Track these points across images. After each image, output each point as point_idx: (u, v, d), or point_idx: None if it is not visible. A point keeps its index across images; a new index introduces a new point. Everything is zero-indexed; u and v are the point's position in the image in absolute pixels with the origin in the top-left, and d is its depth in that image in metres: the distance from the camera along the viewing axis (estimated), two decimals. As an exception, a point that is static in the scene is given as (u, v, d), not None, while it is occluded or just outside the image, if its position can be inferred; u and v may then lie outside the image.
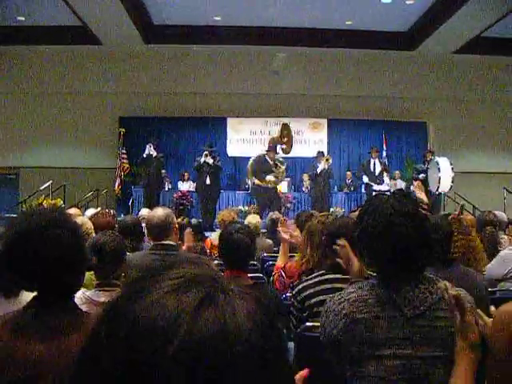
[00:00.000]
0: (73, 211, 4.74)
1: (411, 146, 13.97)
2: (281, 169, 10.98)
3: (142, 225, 3.85)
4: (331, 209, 11.31)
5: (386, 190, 10.09)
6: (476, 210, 10.72)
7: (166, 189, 12.49)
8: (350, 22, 11.80)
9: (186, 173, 12.74)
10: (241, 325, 0.50)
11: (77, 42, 12.31)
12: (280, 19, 11.60)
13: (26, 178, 13.06)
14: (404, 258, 1.57)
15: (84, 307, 1.66)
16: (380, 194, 1.76)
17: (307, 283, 2.56)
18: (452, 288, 1.37)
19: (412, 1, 10.73)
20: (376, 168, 11.42)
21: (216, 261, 3.90)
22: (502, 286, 3.61)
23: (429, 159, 10.60)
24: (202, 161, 10.72)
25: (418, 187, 3.46)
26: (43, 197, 10.59)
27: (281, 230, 3.71)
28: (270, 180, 10.76)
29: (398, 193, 1.66)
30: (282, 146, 11.79)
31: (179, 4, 10.99)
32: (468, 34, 11.59)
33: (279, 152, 11.55)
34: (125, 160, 12.80)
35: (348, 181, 13.12)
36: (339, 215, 7.71)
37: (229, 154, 13.63)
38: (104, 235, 2.47)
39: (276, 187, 10.93)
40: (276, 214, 6.39)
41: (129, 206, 12.02)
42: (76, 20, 11.11)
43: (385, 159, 12.62)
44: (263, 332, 0.52)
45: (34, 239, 1.34)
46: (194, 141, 13.51)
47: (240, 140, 13.79)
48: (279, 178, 11.02)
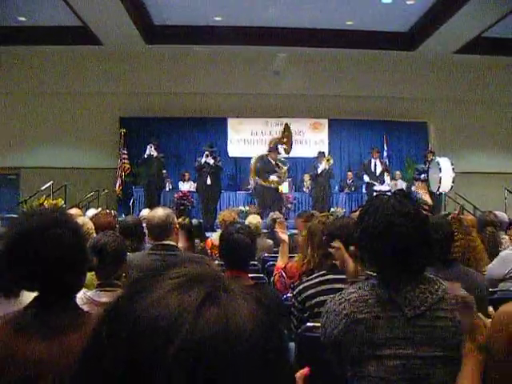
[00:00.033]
0: (74, 211, 4.74)
1: (412, 146, 13.97)
2: (283, 169, 11.00)
3: (143, 225, 3.86)
4: (332, 209, 11.31)
5: (387, 191, 10.09)
6: (477, 211, 10.71)
7: (167, 189, 12.48)
8: (351, 23, 11.80)
9: (187, 173, 12.74)
10: (243, 324, 0.50)
11: (77, 43, 12.32)
12: (280, 19, 11.60)
13: (27, 179, 13.05)
14: (404, 259, 1.57)
15: (85, 307, 1.66)
16: (380, 195, 1.77)
17: (308, 283, 2.56)
18: (460, 289, 1.37)
19: (412, 1, 10.73)
20: (377, 168, 11.42)
21: (216, 261, 3.90)
22: (503, 287, 3.61)
23: (429, 159, 10.59)
24: (203, 161, 10.72)
25: (422, 188, 3.41)
26: (44, 197, 10.58)
27: (278, 231, 3.71)
28: (274, 180, 10.78)
29: (399, 193, 1.67)
30: (283, 146, 11.81)
31: (179, 4, 10.99)
32: (468, 34, 11.59)
33: (281, 152, 11.56)
34: (125, 160, 12.81)
35: (349, 181, 13.11)
36: (340, 215, 7.71)
37: (229, 155, 13.63)
38: (105, 236, 2.47)
39: (278, 187, 10.94)
40: (276, 214, 6.39)
41: (129, 207, 12.01)
42: (76, 20, 11.12)
43: (385, 159, 12.61)
44: (265, 332, 0.52)
45: (35, 239, 1.34)
46: (195, 141, 13.51)
47: (240, 140, 13.78)
48: (282, 179, 11.03)
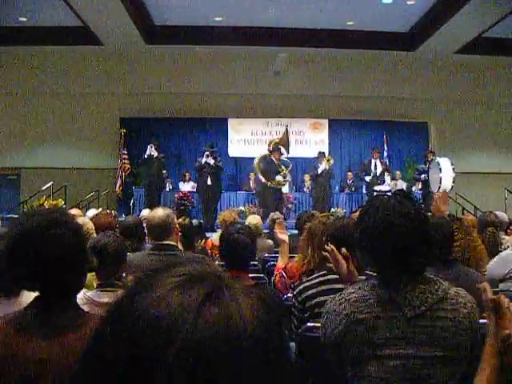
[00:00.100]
0: (74, 212, 4.74)
1: (412, 147, 13.95)
2: (287, 169, 11.05)
3: (144, 225, 3.86)
4: (332, 209, 11.31)
5: (387, 191, 10.08)
6: (477, 211, 10.71)
7: (167, 189, 12.49)
8: (351, 23, 11.80)
9: (188, 173, 12.75)
10: (246, 321, 0.51)
11: (78, 43, 12.32)
12: (281, 20, 11.61)
13: (27, 179, 13.06)
14: (404, 259, 1.57)
15: (85, 308, 1.66)
16: (380, 195, 1.77)
17: (308, 284, 2.56)
18: (489, 291, 1.34)
19: (413, 1, 10.73)
20: (377, 168, 11.42)
21: (217, 261, 3.90)
22: (503, 287, 3.60)
23: (430, 159, 10.58)
24: (203, 161, 10.72)
25: (443, 198, 3.28)
26: (44, 197, 10.60)
27: (277, 231, 3.70)
28: (279, 181, 10.82)
29: (399, 193, 1.67)
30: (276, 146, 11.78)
31: (180, 4, 10.99)
32: (469, 35, 11.59)
33: (283, 153, 11.58)
34: (126, 160, 12.80)
35: (349, 181, 13.11)
36: (340, 216, 7.71)
37: (230, 155, 13.63)
38: (105, 236, 2.46)
39: (281, 188, 10.97)
40: (277, 215, 6.38)
41: (130, 207, 12.02)
42: (77, 20, 11.13)
43: (386, 159, 12.60)
44: (266, 331, 0.52)
45: (36, 239, 1.34)
46: (195, 141, 13.52)
47: (241, 140, 13.78)
48: (285, 179, 11.08)
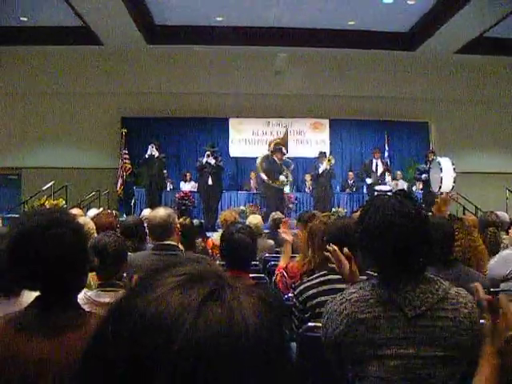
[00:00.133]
0: (75, 212, 4.74)
1: (413, 147, 13.96)
2: (288, 170, 11.08)
3: (145, 225, 3.86)
4: (333, 209, 11.31)
5: (388, 191, 10.08)
6: (478, 211, 10.70)
7: (168, 189, 12.49)
8: (351, 23, 11.80)
9: (188, 173, 12.75)
10: (247, 321, 0.51)
11: (79, 43, 12.32)
12: (282, 20, 11.61)
13: (28, 179, 13.06)
14: (405, 258, 1.57)
15: (85, 307, 1.66)
16: (381, 195, 1.77)
17: (309, 284, 2.55)
18: (482, 291, 1.34)
19: (413, 1, 10.72)
20: (378, 168, 11.41)
21: (218, 261, 3.90)
22: (504, 287, 3.59)
23: (430, 159, 10.57)
24: (204, 161, 10.72)
25: (444, 200, 3.27)
26: (45, 197, 10.60)
27: (282, 232, 3.69)
28: (283, 181, 10.84)
29: (399, 193, 1.67)
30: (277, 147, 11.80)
31: (180, 4, 10.99)
32: (469, 35, 11.58)
33: (285, 153, 11.59)
34: (127, 160, 12.81)
35: (350, 181, 13.10)
36: (341, 216, 7.71)
37: (231, 155, 13.62)
38: (105, 236, 2.46)
39: (284, 188, 10.99)
40: (278, 214, 6.39)
41: (131, 207, 12.02)
42: (77, 20, 11.13)
43: (387, 159, 12.59)
44: (268, 329, 0.52)
45: (36, 239, 1.34)
46: (196, 141, 13.52)
47: (242, 140, 13.78)
48: (288, 179, 11.12)
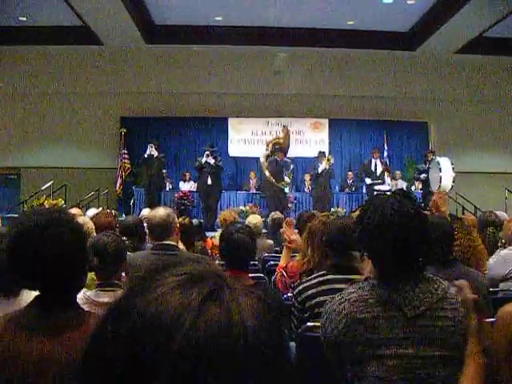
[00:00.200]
0: (74, 211, 4.74)
1: (412, 146, 13.96)
2: (288, 171, 11.12)
3: (144, 225, 3.86)
4: (332, 209, 11.30)
5: (387, 190, 10.09)
6: (477, 211, 10.71)
7: (167, 189, 12.49)
8: (351, 22, 11.80)
9: (188, 173, 12.75)
10: (246, 320, 0.51)
11: (78, 42, 12.32)
12: (281, 19, 11.61)
13: (28, 178, 13.06)
14: (404, 258, 1.57)
15: (85, 307, 1.66)
16: (380, 194, 1.77)
17: (308, 284, 2.55)
18: (469, 290, 1.35)
19: (413, 1, 10.72)
20: (377, 168, 11.42)
21: (217, 261, 3.90)
22: (504, 287, 3.59)
23: (430, 159, 10.58)
24: (204, 161, 10.72)
25: (442, 199, 3.24)
26: (44, 197, 10.60)
27: (286, 231, 3.66)
28: (287, 181, 10.89)
29: (398, 193, 1.67)
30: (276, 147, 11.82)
31: (180, 4, 10.99)
32: (469, 34, 11.58)
33: (286, 154, 11.62)
34: (126, 160, 12.81)
35: (349, 181, 13.10)
36: (340, 215, 7.70)
37: (230, 154, 13.63)
38: (104, 236, 2.46)
39: (285, 188, 11.03)
40: (277, 214, 6.39)
41: (130, 206, 12.02)
42: (77, 20, 11.13)
43: (386, 159, 12.60)
44: (267, 329, 0.52)
45: (36, 238, 1.34)
46: (196, 141, 13.53)
47: (241, 140, 13.78)
48: (290, 179, 11.18)
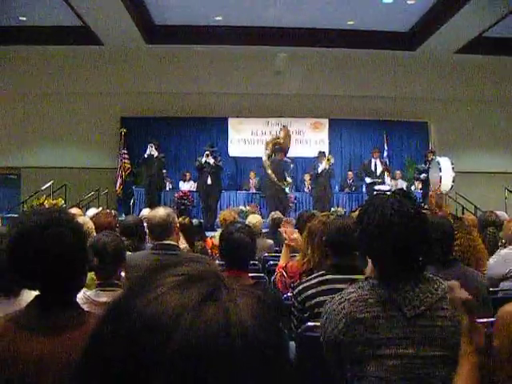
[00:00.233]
0: (74, 211, 4.74)
1: (412, 146, 13.96)
2: (287, 172, 11.15)
3: (144, 225, 3.86)
4: (332, 209, 11.30)
5: (387, 190, 10.08)
6: (477, 210, 10.71)
7: (167, 189, 12.49)
8: (352, 22, 11.80)
9: (188, 173, 12.75)
10: (244, 320, 0.51)
11: (78, 43, 12.32)
12: (281, 19, 11.60)
13: (28, 178, 13.06)
14: (404, 258, 1.57)
15: (85, 307, 1.66)
16: (380, 194, 1.77)
17: (307, 284, 2.55)
18: (460, 289, 1.35)
19: (413, 1, 10.72)
20: (377, 168, 11.41)
21: (217, 261, 3.90)
22: (504, 286, 3.59)
23: (430, 159, 10.58)
24: (204, 161, 10.72)
25: (442, 199, 3.25)
26: (44, 197, 10.60)
27: (284, 231, 3.68)
28: (289, 181, 10.90)
29: (398, 193, 1.67)
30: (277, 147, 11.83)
31: (180, 4, 10.99)
32: (469, 34, 11.59)
33: (287, 154, 11.62)
34: (126, 160, 12.81)
35: (349, 181, 13.10)
36: (340, 214, 7.69)
37: (230, 154, 13.63)
38: (104, 236, 2.46)
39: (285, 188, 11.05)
40: (277, 214, 6.39)
41: (130, 206, 12.02)
42: (77, 20, 11.13)
43: (386, 159, 12.60)
44: (265, 329, 0.52)
45: (36, 238, 1.34)
46: (196, 141, 13.53)
47: (241, 140, 13.78)
48: (291, 179, 11.23)
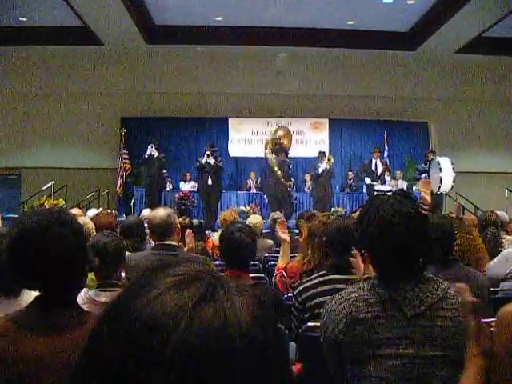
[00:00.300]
0: (75, 211, 4.74)
1: (412, 146, 13.95)
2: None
3: (145, 225, 3.86)
4: (333, 209, 11.30)
5: (388, 190, 10.07)
6: (478, 210, 10.70)
7: (168, 189, 12.49)
8: (352, 22, 11.80)
9: (188, 173, 12.74)
10: (241, 319, 0.51)
11: (78, 43, 12.33)
12: (281, 19, 11.60)
13: (28, 179, 13.07)
14: (404, 258, 1.57)
15: (85, 307, 1.67)
16: (380, 195, 1.77)
17: (308, 284, 2.55)
18: (468, 292, 1.35)
19: (413, 1, 10.72)
20: (378, 168, 11.41)
21: (217, 261, 3.90)
22: (505, 286, 3.59)
23: (430, 159, 10.57)
24: (204, 161, 10.71)
25: (426, 184, 3.27)
26: (45, 197, 10.61)
27: (278, 231, 3.69)
28: (293, 181, 10.93)
29: (399, 193, 1.67)
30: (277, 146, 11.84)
31: (180, 4, 10.99)
32: (469, 34, 11.59)
33: (288, 153, 11.63)
34: (126, 160, 12.80)
35: (350, 181, 13.10)
36: (340, 215, 7.70)
37: (230, 155, 13.63)
38: (104, 236, 2.46)
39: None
40: (277, 214, 6.39)
41: (130, 207, 12.03)
42: (77, 20, 11.13)
43: (386, 159, 12.59)
44: (262, 329, 0.52)
45: (36, 239, 1.35)
46: (196, 141, 13.53)
47: (241, 140, 13.78)
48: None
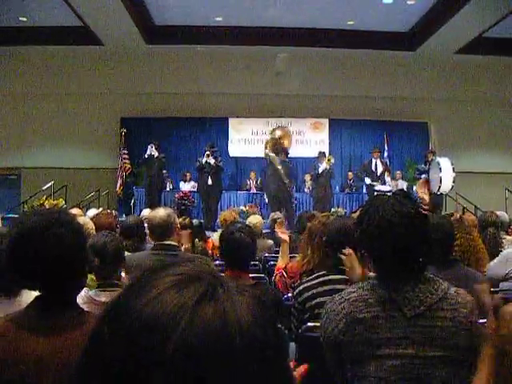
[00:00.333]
0: (74, 212, 4.74)
1: (412, 147, 13.95)
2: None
3: (145, 225, 3.86)
4: (333, 209, 11.30)
5: (388, 191, 10.07)
6: (478, 211, 10.70)
7: (168, 189, 12.49)
8: (352, 23, 11.80)
9: (188, 173, 12.75)
10: (241, 319, 0.51)
11: (78, 43, 12.32)
12: (281, 19, 11.60)
13: (28, 179, 13.07)
14: (404, 258, 1.57)
15: (85, 307, 1.67)
16: (380, 195, 1.77)
17: (308, 284, 2.55)
18: (488, 293, 1.34)
19: (413, 1, 10.72)
20: (378, 168, 11.40)
21: (217, 261, 3.90)
22: (504, 286, 3.59)
23: (430, 159, 10.56)
24: (204, 161, 10.71)
25: (423, 185, 3.29)
26: (45, 197, 10.61)
27: (278, 231, 3.70)
28: (293, 181, 10.95)
29: (399, 193, 1.67)
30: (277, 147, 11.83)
31: (180, 4, 10.99)
32: (469, 35, 11.58)
33: (289, 153, 11.63)
34: (126, 160, 12.80)
35: (350, 181, 13.10)
36: (340, 215, 7.70)
37: (230, 155, 13.63)
38: (103, 236, 2.46)
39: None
40: (277, 215, 6.38)
41: (130, 207, 12.03)
42: (77, 20, 11.13)
43: (386, 159, 12.58)
44: (262, 328, 0.52)
45: (36, 239, 1.35)
46: (196, 141, 13.54)
47: (241, 140, 13.79)
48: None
